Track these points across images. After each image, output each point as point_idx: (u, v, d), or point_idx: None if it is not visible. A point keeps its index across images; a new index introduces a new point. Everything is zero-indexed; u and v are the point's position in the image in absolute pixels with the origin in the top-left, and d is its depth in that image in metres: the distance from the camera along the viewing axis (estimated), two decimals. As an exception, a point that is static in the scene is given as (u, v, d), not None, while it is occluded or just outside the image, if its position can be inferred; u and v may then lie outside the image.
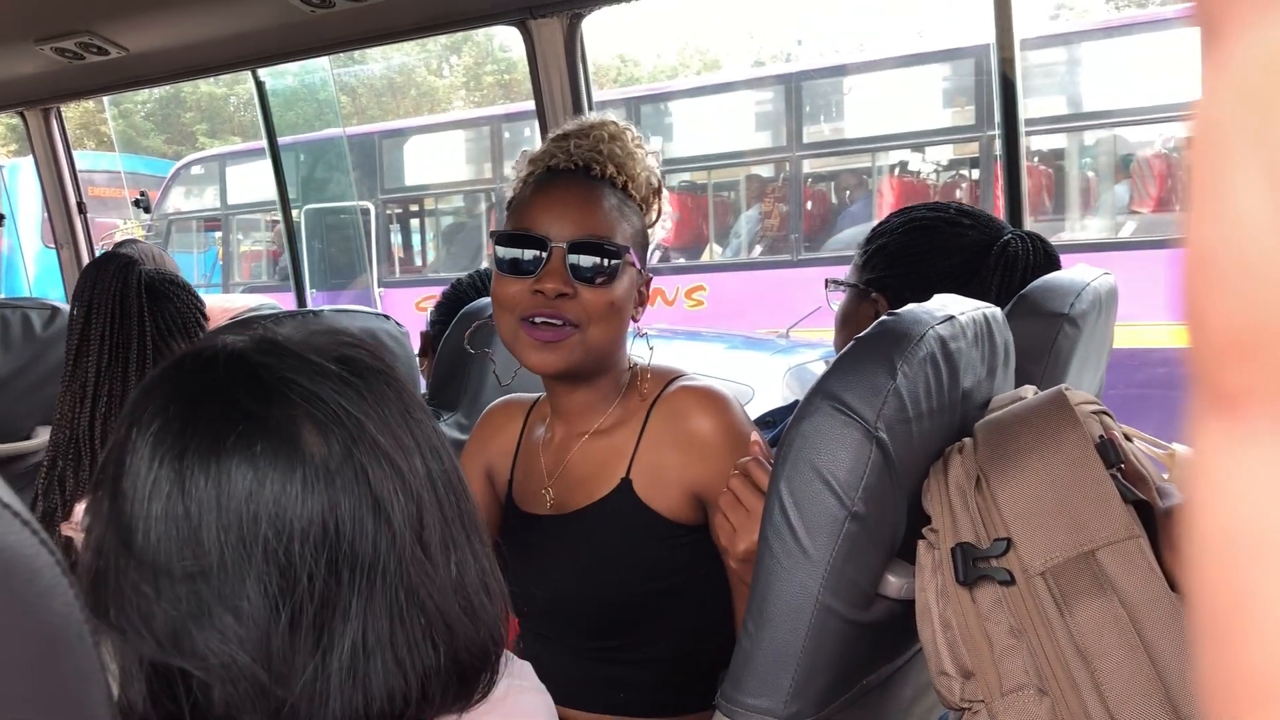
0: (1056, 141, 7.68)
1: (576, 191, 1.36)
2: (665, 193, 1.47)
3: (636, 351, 1.45)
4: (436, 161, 10.51)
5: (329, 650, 0.72)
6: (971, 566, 0.95)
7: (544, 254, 1.32)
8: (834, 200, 8.82)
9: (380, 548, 0.73)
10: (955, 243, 1.47)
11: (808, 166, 8.76)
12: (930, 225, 1.50)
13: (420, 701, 0.75)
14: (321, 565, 0.71)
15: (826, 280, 1.59)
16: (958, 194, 8.15)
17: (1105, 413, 1.03)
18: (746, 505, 1.17)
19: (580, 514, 1.38)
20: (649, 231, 1.45)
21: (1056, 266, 1.48)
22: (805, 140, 8.65)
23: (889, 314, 1.04)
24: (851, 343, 1.02)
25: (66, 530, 0.89)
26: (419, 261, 10.75)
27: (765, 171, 9.07)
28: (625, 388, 1.41)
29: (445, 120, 13.94)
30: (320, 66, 8.60)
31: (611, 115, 1.47)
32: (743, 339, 6.28)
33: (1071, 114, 7.52)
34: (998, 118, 1.98)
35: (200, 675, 0.70)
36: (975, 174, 8.20)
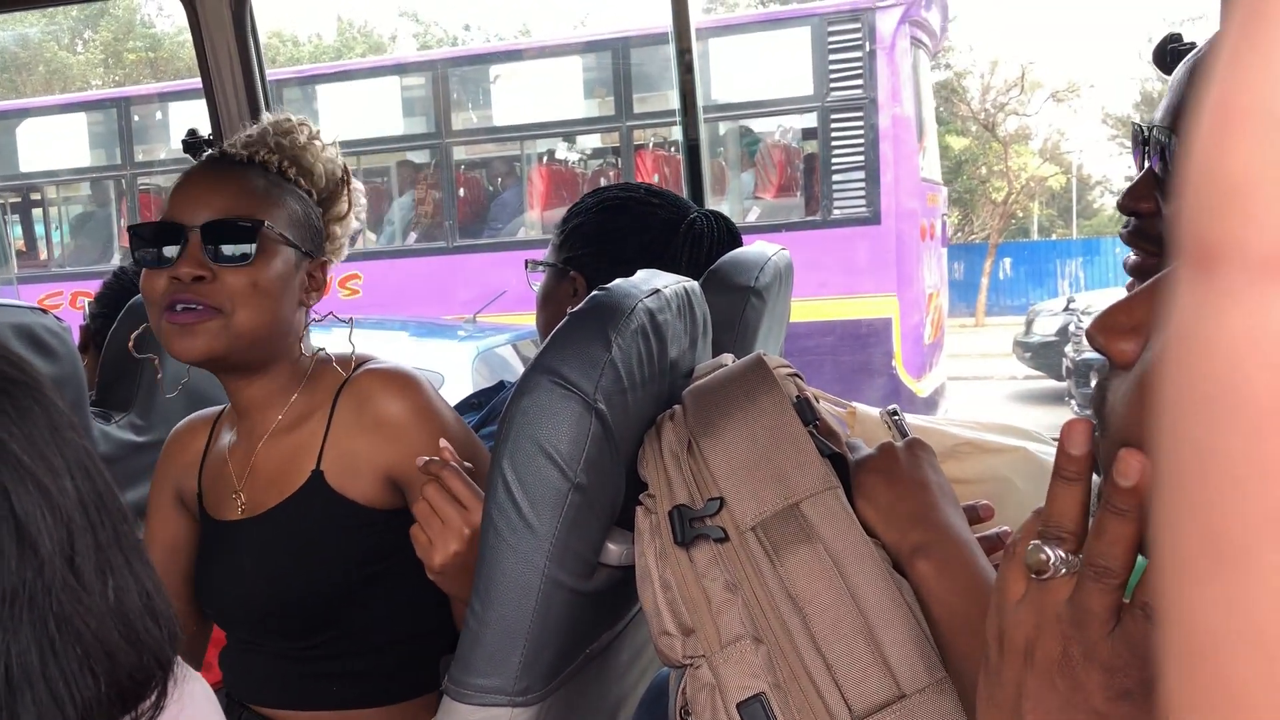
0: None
1: (214, 174, 1.32)
2: (356, 182, 1.45)
3: (336, 339, 1.41)
4: (59, 146, 9.57)
5: None
6: (688, 527, 0.99)
7: (180, 242, 1.26)
8: (488, 187, 8.91)
9: (25, 576, 0.68)
10: (647, 221, 1.53)
11: (459, 154, 8.79)
12: (623, 204, 1.55)
13: None
14: None
15: (526, 261, 1.60)
16: (602, 181, 8.49)
17: (798, 375, 1.10)
18: (442, 516, 1.13)
19: (272, 513, 1.33)
20: (343, 221, 1.42)
21: (739, 243, 1.57)
22: (455, 127, 8.68)
23: (600, 289, 1.06)
24: (566, 318, 1.03)
25: None
26: (43, 255, 9.77)
27: (418, 158, 9.01)
28: (308, 377, 1.36)
29: (67, 101, 12.69)
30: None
31: (289, 112, 1.44)
32: (428, 325, 6.20)
33: (707, 106, 8.02)
34: (677, 104, 2.08)
35: None
36: (618, 162, 8.58)
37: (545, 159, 8.98)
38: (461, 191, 8.70)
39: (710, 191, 2.16)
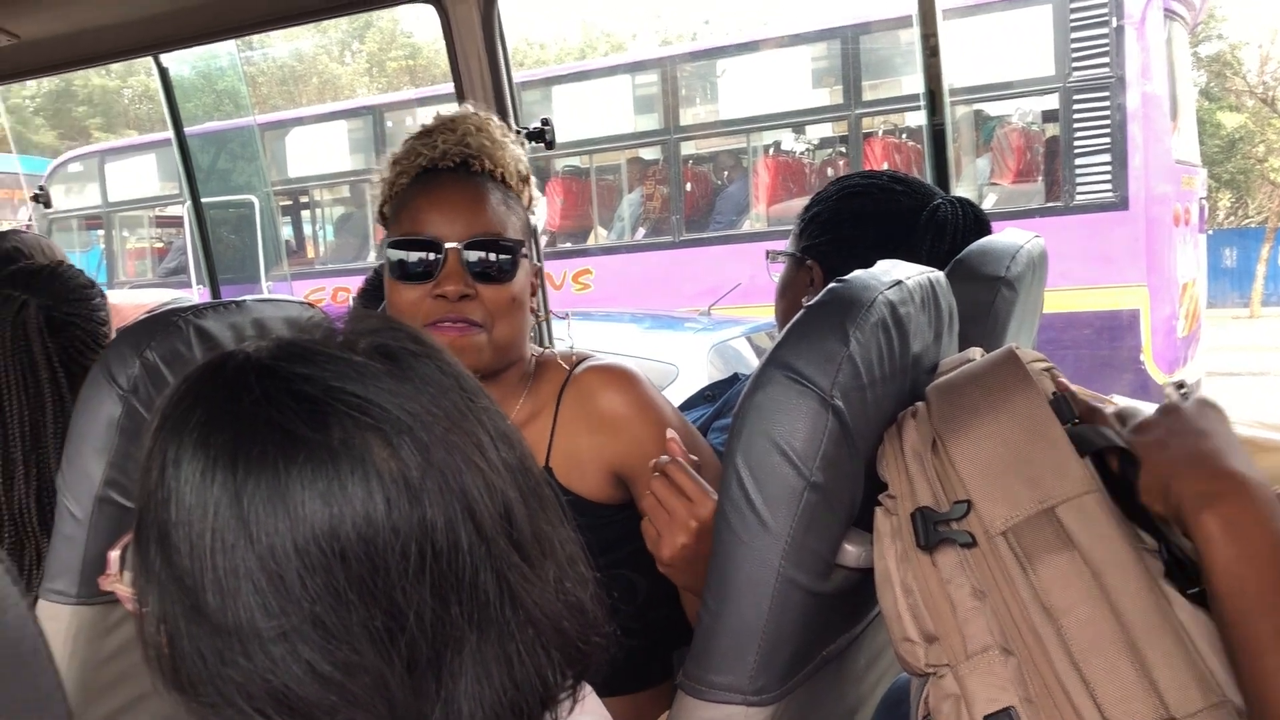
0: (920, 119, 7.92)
1: (463, 189, 1.33)
2: (533, 179, 1.45)
3: (559, 336, 1.43)
4: (322, 152, 10.30)
5: (452, 686, 0.64)
6: (932, 530, 0.95)
7: (439, 256, 1.28)
8: (714, 181, 8.93)
9: (477, 559, 0.65)
10: (887, 209, 1.48)
11: (687, 149, 8.86)
12: (863, 192, 1.51)
13: (539, 711, 0.70)
14: (426, 594, 0.63)
15: (766, 252, 1.59)
16: (830, 172, 8.34)
17: (1054, 370, 1.03)
18: (668, 509, 1.13)
19: None
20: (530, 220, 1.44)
21: (987, 231, 1.49)
22: (683, 122, 8.74)
23: (838, 281, 1.02)
24: (801, 311, 1.01)
25: (106, 584, 0.78)
26: (309, 253, 10.54)
27: (648, 154, 9.14)
28: (532, 378, 1.39)
29: (330, 110, 13.65)
30: (224, 52, 8.30)
31: (472, 106, 1.44)
32: (661, 318, 6.27)
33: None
34: (920, 89, 2.02)
35: None
36: (847, 151, 8.41)
37: (772, 150, 8.92)
38: (688, 186, 8.77)
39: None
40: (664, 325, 6.01)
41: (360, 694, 0.62)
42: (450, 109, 1.45)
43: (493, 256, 1.29)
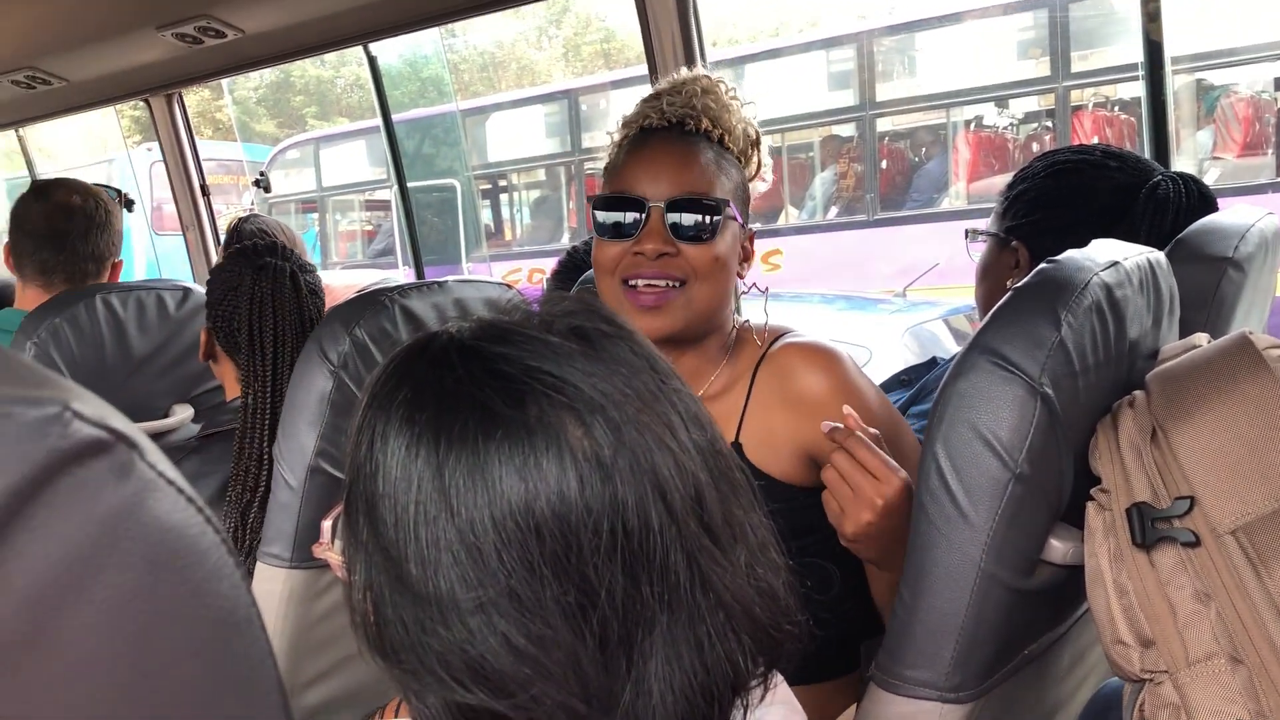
0: (1137, 90, 7.41)
1: (671, 149, 1.33)
2: (764, 144, 1.42)
3: (752, 310, 1.41)
4: (519, 136, 10.57)
5: (643, 666, 0.65)
6: (1150, 528, 0.89)
7: (642, 215, 1.29)
8: (911, 157, 8.65)
9: (667, 540, 0.65)
10: (1101, 185, 1.39)
11: (883, 125, 8.60)
12: (1074, 168, 1.42)
13: (730, 697, 0.70)
14: (618, 572, 0.63)
15: (966, 230, 1.52)
16: (1035, 147, 7.94)
17: (1293, 358, 0.95)
18: (851, 484, 1.10)
19: None
20: (750, 185, 1.41)
21: (1213, 209, 1.38)
22: (879, 98, 8.49)
23: (1049, 262, 0.97)
24: (1010, 293, 0.96)
25: (319, 551, 0.83)
26: (507, 235, 10.85)
27: (843, 131, 8.93)
28: (731, 349, 1.37)
29: (527, 95, 14.02)
30: (428, 40, 8.65)
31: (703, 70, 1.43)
32: (853, 299, 6.13)
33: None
34: (1140, 58, 1.90)
35: (513, 716, 0.64)
36: (1054, 125, 7.98)
37: (973, 125, 8.58)
38: (884, 164, 8.55)
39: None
40: (857, 306, 5.88)
41: (553, 668, 0.63)
42: (645, 90, 1.46)
43: (695, 216, 1.28)
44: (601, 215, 1.32)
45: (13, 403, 0.30)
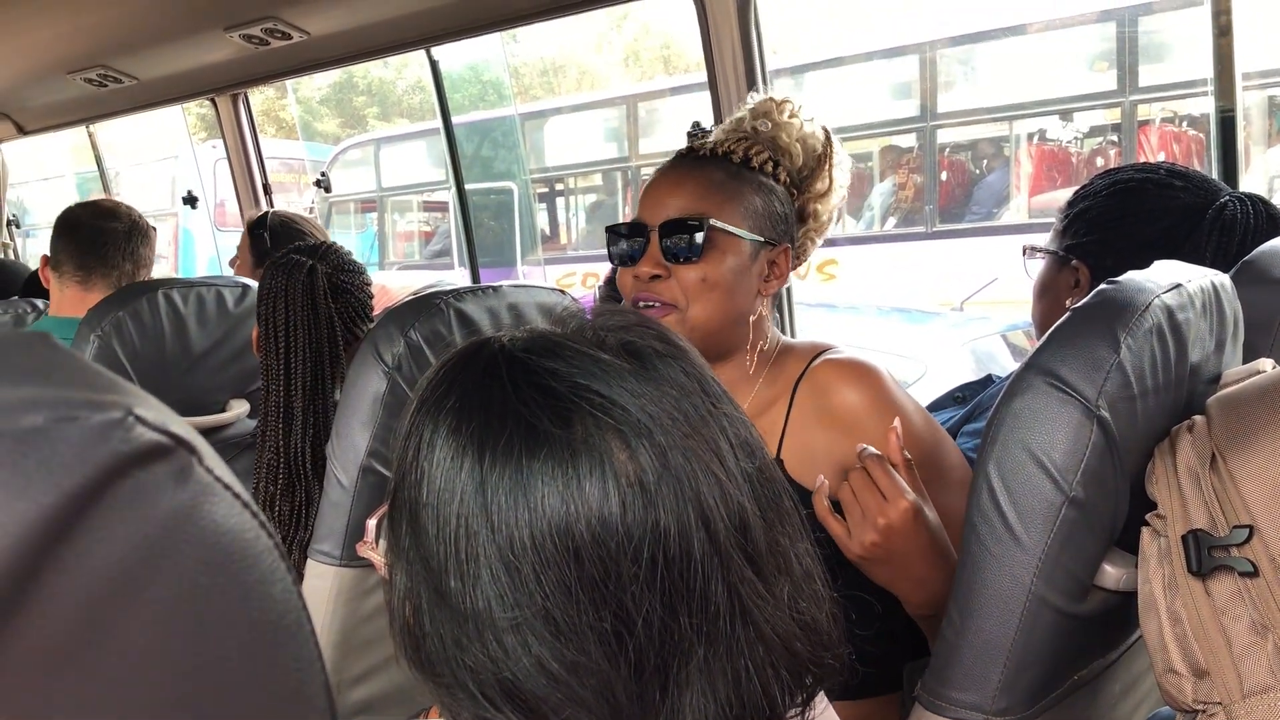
0: (1206, 105, 7.26)
1: (673, 174, 1.37)
2: (838, 153, 1.41)
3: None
4: (576, 141, 10.61)
5: (677, 697, 0.63)
6: (1206, 555, 0.87)
7: (644, 239, 1.34)
8: (972, 169, 8.55)
9: (708, 570, 0.63)
10: (1165, 206, 1.36)
11: (944, 136, 8.51)
12: (1138, 187, 1.39)
13: None
14: (656, 601, 0.62)
15: (1024, 247, 1.50)
16: (1100, 162, 7.81)
17: (1359, 388, 0.92)
18: (861, 504, 1.11)
19: None
20: (825, 198, 1.40)
21: (1281, 230, 1.35)
22: (941, 109, 8.40)
23: (1109, 282, 0.95)
24: (1068, 313, 0.95)
25: (362, 550, 0.83)
26: (563, 239, 10.89)
27: (903, 142, 8.84)
28: (771, 366, 1.37)
29: (586, 100, 14.07)
30: (490, 44, 8.73)
31: (773, 90, 1.44)
32: (908, 312, 6.06)
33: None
34: (1209, 72, 1.86)
35: None
36: (1120, 140, 7.84)
37: (1035, 139, 8.45)
38: (944, 175, 8.46)
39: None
40: (912, 320, 5.80)
41: (586, 695, 0.62)
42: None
43: (682, 237, 1.31)
44: (613, 245, 1.38)
45: (78, 406, 0.31)
